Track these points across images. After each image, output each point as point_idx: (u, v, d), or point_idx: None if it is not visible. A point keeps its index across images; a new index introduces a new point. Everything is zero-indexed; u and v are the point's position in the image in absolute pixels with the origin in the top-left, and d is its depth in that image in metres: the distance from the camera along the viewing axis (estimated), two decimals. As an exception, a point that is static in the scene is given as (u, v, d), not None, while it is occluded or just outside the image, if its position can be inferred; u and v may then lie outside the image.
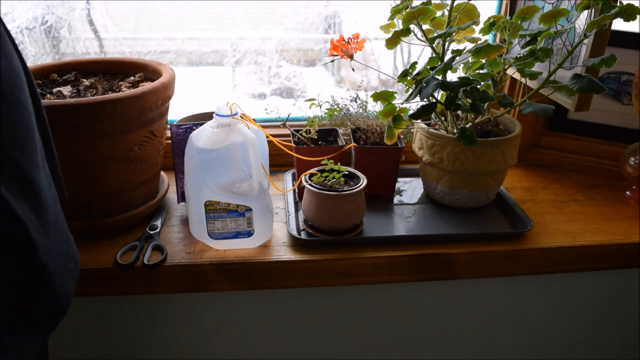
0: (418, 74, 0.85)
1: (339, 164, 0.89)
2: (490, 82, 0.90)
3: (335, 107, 1.04)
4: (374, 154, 0.96)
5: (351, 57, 0.91)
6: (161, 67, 0.90)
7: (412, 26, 0.84)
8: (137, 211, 0.88)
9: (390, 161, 0.97)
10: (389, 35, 0.86)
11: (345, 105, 1.04)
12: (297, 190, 0.99)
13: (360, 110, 1.04)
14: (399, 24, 0.86)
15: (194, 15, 1.23)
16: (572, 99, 0.85)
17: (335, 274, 0.84)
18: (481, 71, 0.90)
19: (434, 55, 0.87)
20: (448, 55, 0.86)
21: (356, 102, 1.04)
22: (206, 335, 0.97)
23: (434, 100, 0.83)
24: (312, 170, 0.89)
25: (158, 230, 0.88)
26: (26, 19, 1.12)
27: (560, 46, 0.87)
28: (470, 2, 0.84)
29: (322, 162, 0.90)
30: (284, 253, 0.84)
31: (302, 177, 0.87)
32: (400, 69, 0.88)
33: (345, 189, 0.84)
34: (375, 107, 1.04)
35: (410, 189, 1.05)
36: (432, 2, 0.84)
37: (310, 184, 0.85)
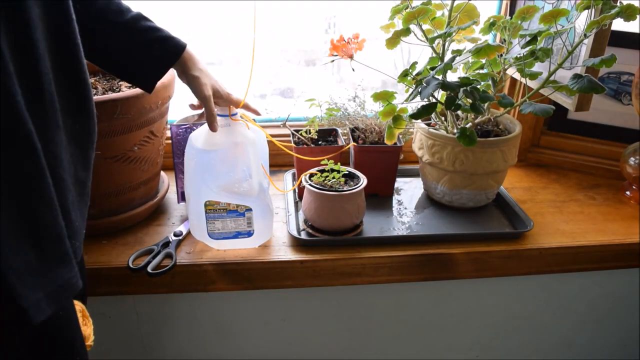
0: (418, 74, 0.85)
1: (339, 163, 0.89)
2: (490, 82, 0.90)
3: (334, 106, 1.04)
4: (373, 153, 0.96)
5: (351, 57, 0.91)
6: (161, 67, 0.89)
7: (412, 26, 0.84)
8: (137, 211, 0.88)
9: (389, 160, 0.97)
10: (389, 35, 0.86)
11: (344, 104, 1.04)
12: (297, 190, 0.99)
13: (359, 110, 1.04)
14: (399, 24, 0.86)
15: (194, 15, 1.23)
16: (572, 99, 0.85)
17: (335, 274, 0.84)
18: (481, 71, 0.90)
19: (434, 55, 0.87)
20: (448, 55, 0.86)
21: (354, 101, 1.04)
22: (206, 335, 0.97)
23: (434, 100, 0.83)
24: (312, 170, 0.89)
25: (182, 237, 0.86)
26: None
27: (560, 46, 0.87)
28: (470, 2, 0.84)
29: (322, 162, 0.90)
30: (284, 253, 0.84)
31: (302, 177, 0.87)
32: (400, 69, 0.88)
33: (345, 189, 0.84)
34: (374, 106, 1.04)
35: (410, 189, 1.05)
36: (432, 2, 0.84)
37: (310, 184, 0.85)
